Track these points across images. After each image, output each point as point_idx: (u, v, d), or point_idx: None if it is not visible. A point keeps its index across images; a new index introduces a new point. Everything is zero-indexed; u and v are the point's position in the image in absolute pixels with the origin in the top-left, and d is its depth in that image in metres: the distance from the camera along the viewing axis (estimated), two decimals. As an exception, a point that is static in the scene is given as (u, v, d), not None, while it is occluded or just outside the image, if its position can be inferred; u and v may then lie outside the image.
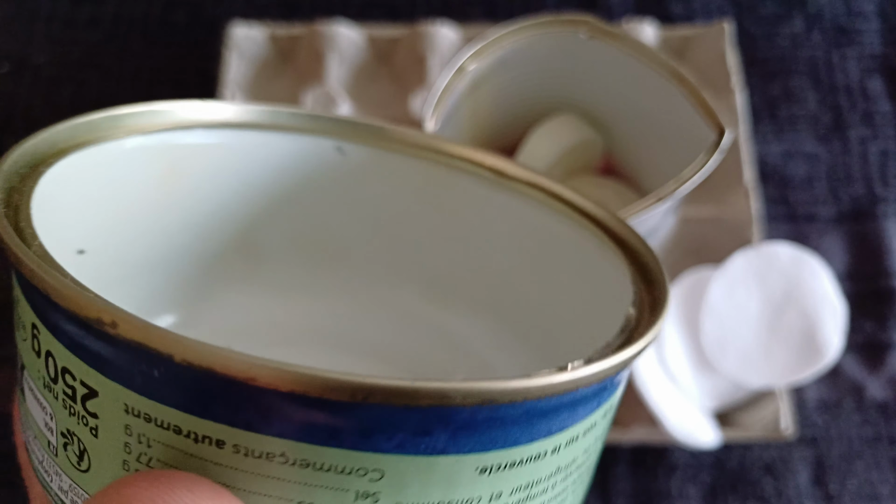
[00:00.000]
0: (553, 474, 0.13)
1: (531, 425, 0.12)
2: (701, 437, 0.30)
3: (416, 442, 0.12)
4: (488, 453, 0.12)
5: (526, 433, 0.12)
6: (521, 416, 0.12)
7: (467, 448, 0.12)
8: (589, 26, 0.27)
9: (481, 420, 0.12)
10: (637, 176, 0.32)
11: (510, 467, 0.13)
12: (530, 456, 0.13)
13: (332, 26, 0.38)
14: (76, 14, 0.43)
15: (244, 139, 0.18)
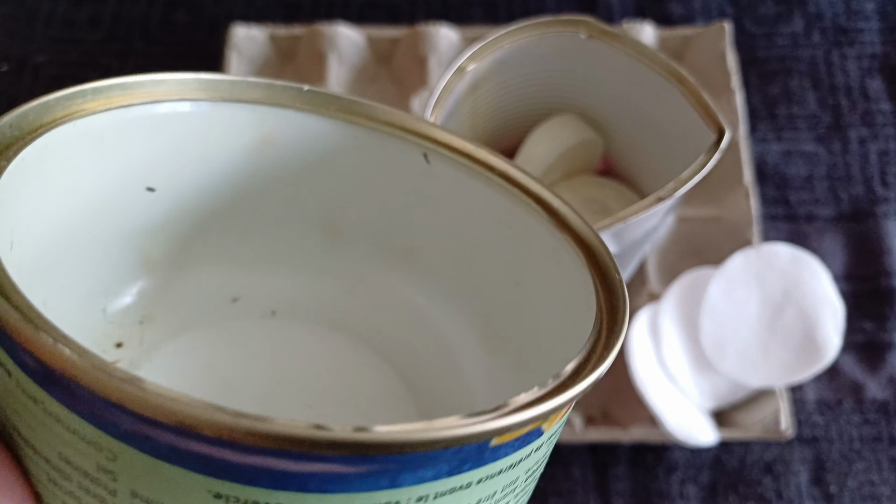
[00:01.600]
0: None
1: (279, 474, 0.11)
2: (700, 436, 0.30)
3: (139, 440, 0.11)
4: (231, 483, 0.11)
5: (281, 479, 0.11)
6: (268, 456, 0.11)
7: (198, 468, 0.11)
8: (589, 27, 0.28)
9: (221, 459, 0.11)
10: (637, 176, 0.32)
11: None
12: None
13: (333, 27, 0.38)
14: (76, 14, 0.43)
15: (226, 111, 0.18)
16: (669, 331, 0.32)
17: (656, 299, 0.34)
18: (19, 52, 0.42)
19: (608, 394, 0.34)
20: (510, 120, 0.32)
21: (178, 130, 0.18)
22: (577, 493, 0.33)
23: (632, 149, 0.31)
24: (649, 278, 0.35)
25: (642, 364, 0.31)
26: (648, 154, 0.30)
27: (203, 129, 0.18)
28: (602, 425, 0.33)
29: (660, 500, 0.33)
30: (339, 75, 0.38)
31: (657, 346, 0.32)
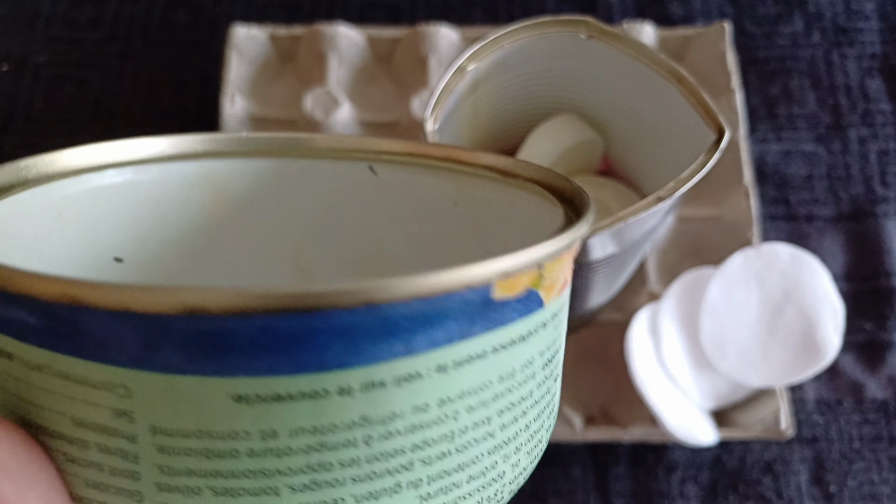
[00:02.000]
0: (388, 419, 0.11)
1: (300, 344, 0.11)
2: (700, 436, 0.30)
3: (149, 357, 0.11)
4: (248, 379, 0.11)
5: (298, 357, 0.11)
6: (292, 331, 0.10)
7: (212, 369, 0.11)
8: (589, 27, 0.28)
9: (230, 336, 0.10)
10: (637, 176, 0.32)
11: (285, 400, 0.11)
12: (308, 391, 0.11)
13: (333, 27, 0.38)
14: (76, 14, 0.43)
15: (174, 170, 0.19)
16: (669, 331, 0.32)
17: (656, 299, 0.34)
18: (19, 52, 0.42)
19: (608, 394, 0.34)
20: (510, 120, 0.32)
21: (133, 197, 0.18)
22: (577, 493, 0.33)
23: (632, 149, 0.31)
24: (649, 278, 0.35)
25: (642, 364, 0.31)
26: (648, 154, 0.30)
27: (157, 193, 0.18)
28: (602, 425, 0.33)
29: (660, 500, 0.33)
30: (339, 75, 0.38)
31: (657, 346, 0.32)
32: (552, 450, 0.34)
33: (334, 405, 0.11)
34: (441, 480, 0.12)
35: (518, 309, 0.12)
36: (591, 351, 0.35)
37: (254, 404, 0.11)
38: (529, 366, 0.13)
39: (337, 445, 0.11)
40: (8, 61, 0.41)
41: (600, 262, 0.26)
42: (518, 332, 0.13)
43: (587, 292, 0.30)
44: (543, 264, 0.13)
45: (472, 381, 0.12)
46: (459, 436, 0.12)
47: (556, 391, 0.15)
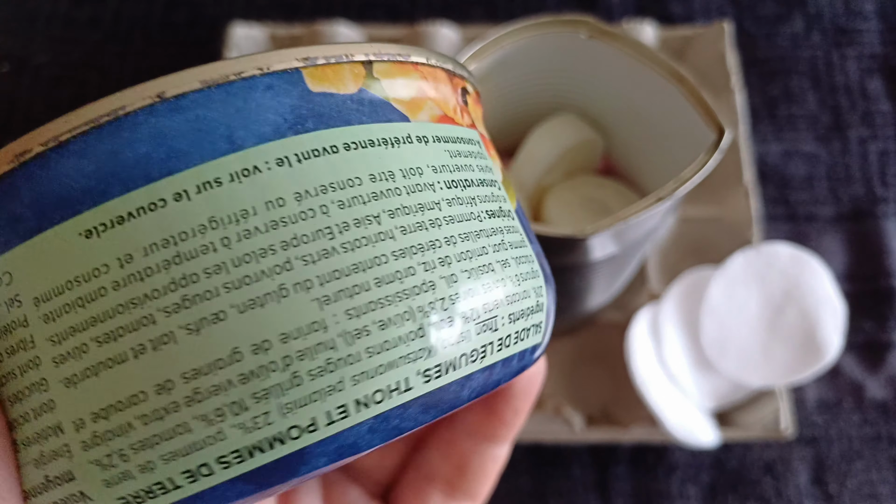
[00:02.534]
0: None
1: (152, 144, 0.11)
2: (701, 436, 0.30)
3: (13, 229, 0.11)
4: (89, 212, 0.11)
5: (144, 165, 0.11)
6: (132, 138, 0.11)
7: (59, 215, 0.11)
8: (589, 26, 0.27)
9: (60, 173, 0.11)
10: (637, 176, 0.32)
11: (128, 220, 0.11)
12: (145, 204, 0.11)
13: (333, 26, 0.38)
14: (76, 14, 0.43)
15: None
16: (670, 331, 0.32)
17: (656, 299, 0.34)
18: (19, 52, 0.42)
19: (608, 394, 0.34)
20: (510, 120, 0.32)
21: None
22: (577, 493, 0.33)
23: (632, 148, 0.31)
24: (650, 278, 0.35)
25: (642, 364, 0.31)
26: (649, 154, 0.30)
27: None
28: (602, 425, 0.33)
29: (660, 501, 0.33)
30: (339, 75, 0.38)
31: (657, 346, 0.32)
32: (552, 450, 0.34)
33: (176, 212, 0.11)
34: (337, 282, 0.11)
35: (361, 110, 0.12)
36: (591, 351, 0.35)
37: (102, 235, 0.11)
38: (416, 175, 0.12)
39: (195, 253, 0.11)
40: (8, 61, 0.41)
41: (600, 262, 0.26)
42: (377, 135, 0.12)
43: (587, 292, 0.30)
44: (372, 63, 0.12)
45: (332, 175, 0.12)
46: (341, 232, 0.11)
47: (510, 233, 0.14)
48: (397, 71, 0.13)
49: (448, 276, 0.12)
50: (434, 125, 0.13)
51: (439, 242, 0.12)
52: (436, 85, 0.14)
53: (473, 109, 0.15)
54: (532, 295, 0.14)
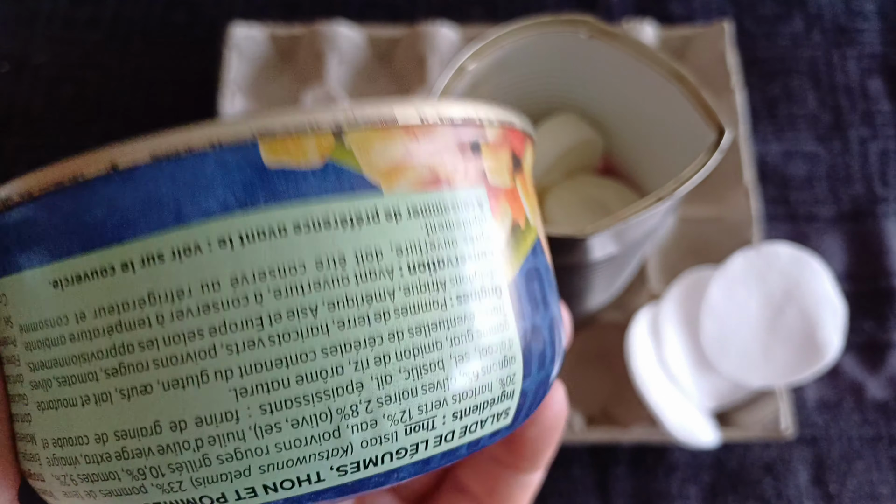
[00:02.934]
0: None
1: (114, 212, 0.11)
2: (701, 436, 0.30)
3: (8, 259, 0.12)
4: (56, 263, 0.11)
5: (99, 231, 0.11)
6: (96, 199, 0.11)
7: (36, 260, 0.11)
8: (589, 26, 0.27)
9: (32, 223, 0.11)
10: (637, 176, 0.32)
11: (84, 280, 0.11)
12: (98, 268, 0.11)
13: (333, 26, 0.38)
14: (76, 14, 0.43)
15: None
16: (670, 331, 0.32)
17: (656, 299, 0.34)
18: (19, 52, 0.42)
19: (608, 394, 0.34)
20: (510, 120, 0.32)
21: None
22: (577, 493, 0.33)
23: (632, 148, 0.31)
24: (650, 278, 0.35)
25: (642, 364, 0.31)
26: (649, 154, 0.30)
27: None
28: (602, 425, 0.33)
29: (660, 501, 0.33)
30: (338, 75, 0.38)
31: (658, 347, 0.32)
32: (552, 450, 0.34)
33: (122, 282, 0.11)
34: (257, 374, 0.11)
35: (324, 186, 0.11)
36: (591, 351, 0.35)
37: (65, 288, 0.11)
38: (373, 260, 0.12)
39: (133, 325, 0.11)
40: (8, 61, 0.41)
41: (600, 262, 0.26)
42: (335, 213, 0.11)
43: (587, 292, 0.30)
44: (344, 132, 0.11)
45: (273, 260, 0.11)
46: (270, 324, 0.11)
47: (485, 317, 0.13)
48: (376, 137, 0.12)
49: (380, 377, 0.12)
50: (415, 195, 0.12)
51: (380, 339, 0.12)
52: (430, 144, 0.12)
53: (492, 157, 0.13)
54: (495, 386, 0.13)
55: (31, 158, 0.39)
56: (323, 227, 0.11)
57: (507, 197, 0.14)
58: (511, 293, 0.13)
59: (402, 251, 0.12)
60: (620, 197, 0.31)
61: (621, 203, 0.31)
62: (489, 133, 0.13)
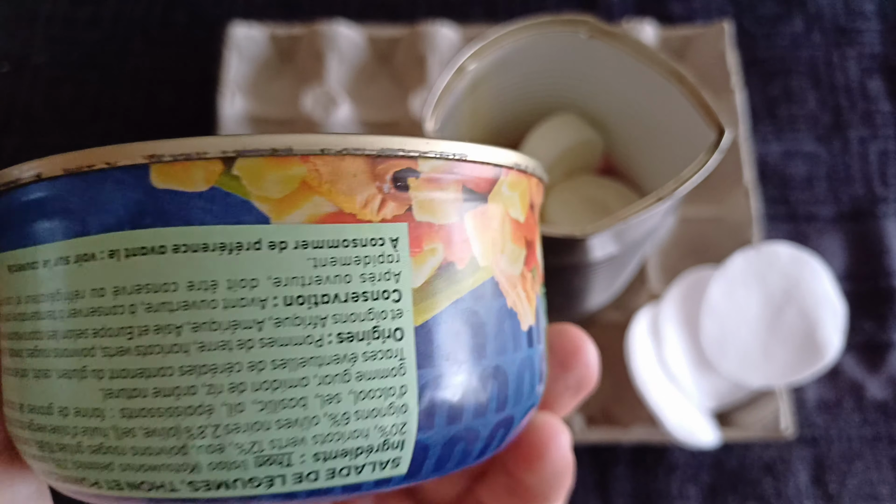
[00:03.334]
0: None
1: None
2: (701, 437, 0.30)
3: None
4: (3, 253, 0.13)
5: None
6: None
7: (2, 245, 0.13)
8: (589, 26, 0.27)
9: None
10: (637, 176, 0.32)
11: (16, 270, 0.13)
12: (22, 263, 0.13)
13: (332, 26, 0.38)
14: (76, 14, 0.43)
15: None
16: (670, 331, 0.32)
17: (656, 299, 0.34)
18: (19, 52, 0.42)
19: (608, 394, 0.34)
20: (510, 120, 0.32)
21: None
22: (577, 493, 0.33)
23: (632, 148, 0.31)
24: (649, 278, 0.35)
25: (643, 364, 0.31)
26: (649, 154, 0.30)
27: None
28: (602, 425, 0.33)
29: (660, 501, 0.33)
30: (338, 74, 0.38)
31: (658, 347, 0.32)
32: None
33: (38, 277, 0.13)
34: (122, 380, 0.12)
35: (208, 210, 0.12)
36: (591, 351, 0.35)
37: (12, 273, 0.13)
38: (246, 288, 0.12)
39: (40, 316, 0.13)
40: (8, 61, 0.41)
41: (600, 262, 0.26)
42: (214, 239, 0.12)
43: (587, 292, 0.30)
44: (233, 159, 0.12)
45: (148, 276, 0.12)
46: (139, 335, 0.12)
47: (371, 361, 0.12)
48: (268, 166, 0.12)
49: (233, 405, 0.12)
50: (307, 227, 0.12)
51: (240, 366, 0.12)
52: (332, 176, 0.12)
53: (427, 192, 0.13)
54: (373, 434, 0.12)
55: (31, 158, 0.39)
56: (200, 251, 0.12)
57: (444, 234, 0.13)
58: (417, 337, 0.13)
59: (280, 282, 0.12)
60: (620, 197, 0.31)
61: (621, 203, 0.31)
62: (426, 166, 0.13)
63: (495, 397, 0.14)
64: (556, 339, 0.18)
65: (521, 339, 0.14)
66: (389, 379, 0.12)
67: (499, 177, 0.14)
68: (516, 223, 0.14)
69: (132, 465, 0.12)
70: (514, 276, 0.14)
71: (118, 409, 0.12)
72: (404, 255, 0.13)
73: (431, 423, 0.13)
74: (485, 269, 0.14)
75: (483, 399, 0.13)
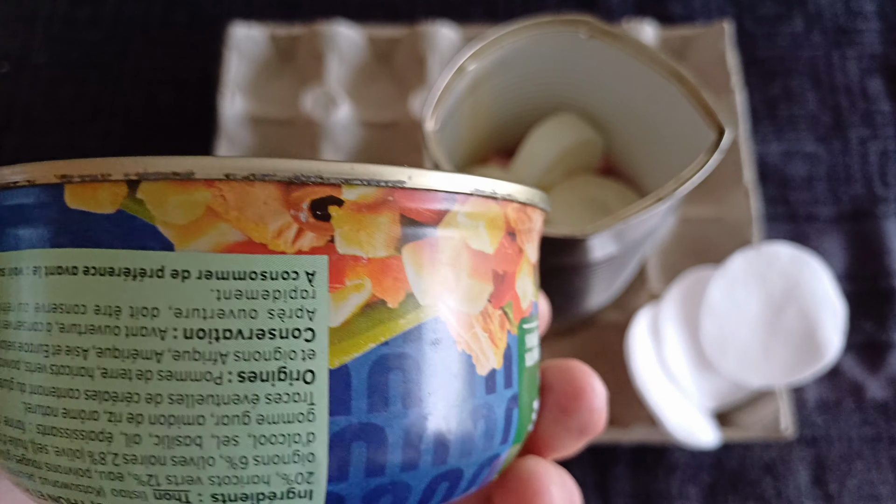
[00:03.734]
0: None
1: None
2: (701, 437, 0.30)
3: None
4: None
5: None
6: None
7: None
8: (589, 26, 0.27)
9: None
10: (637, 176, 0.32)
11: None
12: None
13: (332, 26, 0.38)
14: (76, 14, 0.43)
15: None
16: (670, 331, 0.32)
17: (656, 299, 0.34)
18: (19, 52, 0.42)
19: (608, 394, 0.34)
20: (510, 120, 0.32)
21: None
22: (577, 493, 0.33)
23: (632, 148, 0.31)
24: (649, 278, 0.35)
25: (643, 364, 0.31)
26: (649, 154, 0.30)
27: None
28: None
29: (660, 501, 0.33)
30: (338, 75, 0.38)
31: (658, 347, 0.32)
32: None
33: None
34: (39, 396, 0.12)
35: (116, 233, 0.11)
36: (591, 351, 0.35)
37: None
38: (147, 316, 0.11)
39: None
40: (8, 61, 0.41)
41: (600, 262, 0.26)
42: (119, 263, 0.11)
43: (587, 292, 0.30)
44: (137, 183, 0.11)
45: (63, 296, 0.12)
46: (52, 354, 0.12)
47: (276, 403, 0.12)
48: (171, 190, 0.11)
49: (130, 435, 0.11)
50: (210, 256, 0.11)
51: (138, 397, 0.11)
52: (241, 203, 0.11)
53: (354, 222, 0.12)
54: (274, 481, 0.12)
55: (31, 158, 0.39)
56: (106, 274, 0.12)
57: (373, 269, 0.12)
58: (332, 381, 0.12)
59: (181, 313, 0.11)
60: (620, 197, 0.31)
61: (621, 203, 0.31)
62: (351, 193, 0.12)
63: (432, 449, 0.13)
64: (558, 379, 0.16)
65: (474, 384, 0.13)
66: (295, 424, 0.12)
67: (451, 205, 0.13)
68: (479, 255, 0.13)
69: (48, 479, 0.12)
70: (472, 315, 0.13)
71: (35, 424, 0.12)
72: (321, 290, 0.12)
73: (345, 475, 0.12)
74: (426, 308, 0.12)
75: (415, 452, 0.12)
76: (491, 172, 0.31)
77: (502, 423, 0.14)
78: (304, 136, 0.37)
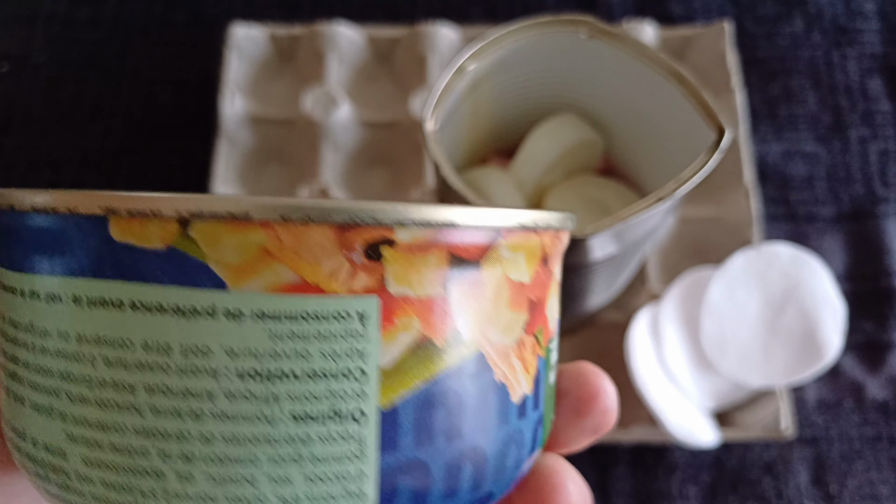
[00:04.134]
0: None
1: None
2: (701, 436, 0.30)
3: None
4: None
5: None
6: None
7: None
8: (589, 26, 0.27)
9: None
10: (637, 176, 0.32)
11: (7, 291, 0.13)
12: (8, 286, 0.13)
13: (333, 26, 0.38)
14: (76, 14, 0.43)
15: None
16: (670, 331, 0.32)
17: (656, 299, 0.34)
18: (19, 52, 0.42)
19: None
20: (510, 120, 0.32)
21: None
22: (577, 493, 0.33)
23: (632, 148, 0.31)
24: (649, 278, 0.35)
25: (643, 364, 0.31)
26: (649, 154, 0.30)
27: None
28: (602, 425, 0.33)
29: (660, 501, 0.33)
30: (338, 75, 0.38)
31: (658, 347, 0.32)
32: (552, 450, 0.34)
33: (17, 303, 0.13)
34: (83, 428, 0.12)
35: (165, 270, 0.11)
36: (591, 351, 0.35)
37: (1, 289, 0.13)
38: (199, 356, 0.11)
39: (19, 342, 0.13)
40: (8, 61, 0.41)
41: (600, 262, 0.26)
42: (169, 300, 0.11)
43: (587, 292, 0.30)
44: (189, 222, 0.11)
45: (108, 329, 0.12)
46: (98, 387, 0.12)
47: (327, 444, 0.12)
48: (225, 231, 0.11)
49: (183, 473, 0.12)
50: (264, 297, 0.11)
51: (191, 436, 0.11)
52: (295, 244, 0.11)
53: (405, 263, 0.12)
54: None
55: (31, 158, 0.39)
56: (156, 312, 0.11)
57: (421, 308, 0.12)
58: (382, 420, 0.12)
59: (234, 354, 0.11)
60: (620, 197, 0.31)
61: (621, 203, 0.31)
62: (404, 234, 0.12)
63: (470, 478, 0.13)
64: (572, 384, 0.17)
65: (509, 412, 0.13)
66: (346, 463, 0.12)
67: (495, 240, 0.13)
68: (517, 287, 0.13)
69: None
70: (508, 346, 0.13)
71: (79, 454, 0.12)
72: (373, 331, 0.12)
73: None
74: (469, 344, 0.12)
75: (455, 482, 0.13)
76: (494, 175, 0.31)
77: (530, 444, 0.14)
78: (304, 136, 0.37)
